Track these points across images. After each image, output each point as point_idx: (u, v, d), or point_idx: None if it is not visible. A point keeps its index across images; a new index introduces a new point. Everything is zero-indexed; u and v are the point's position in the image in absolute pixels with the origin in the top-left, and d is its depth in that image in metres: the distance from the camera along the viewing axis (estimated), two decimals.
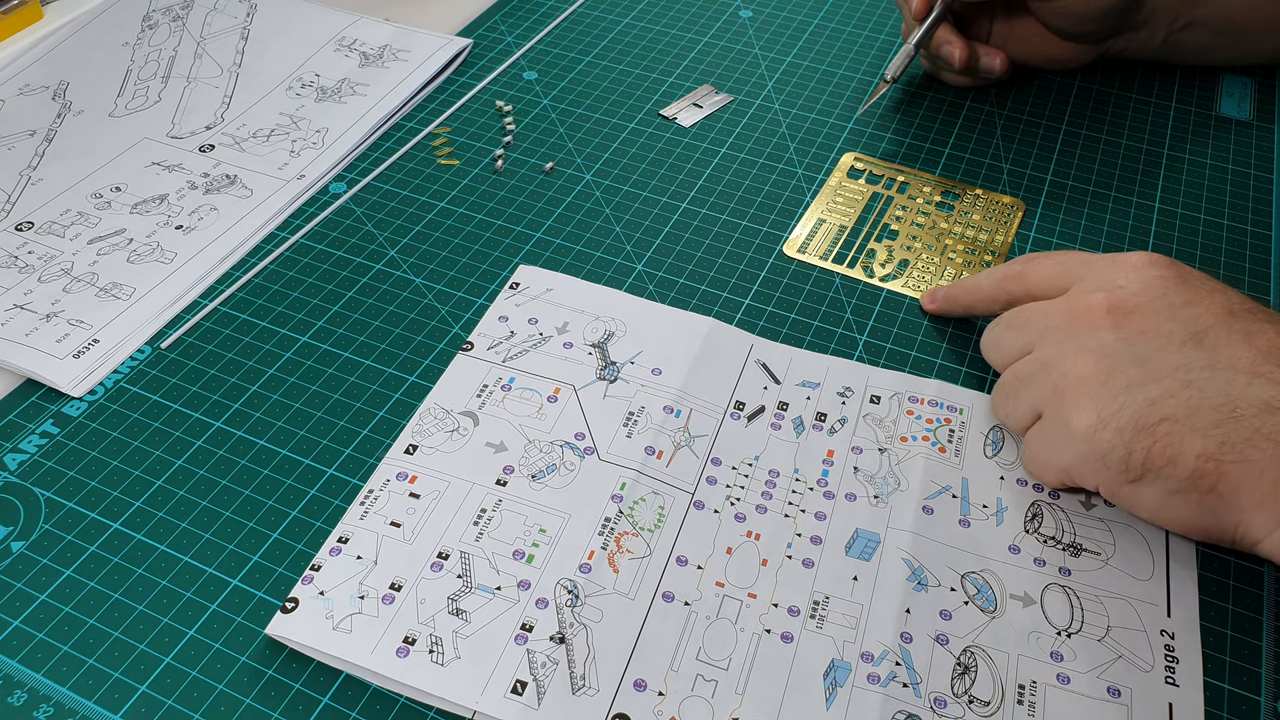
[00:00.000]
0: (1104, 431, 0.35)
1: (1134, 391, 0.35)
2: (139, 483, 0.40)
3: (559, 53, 0.64)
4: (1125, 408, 0.35)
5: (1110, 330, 0.37)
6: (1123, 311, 0.37)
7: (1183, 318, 0.36)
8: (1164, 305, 0.37)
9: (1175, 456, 0.34)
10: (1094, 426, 0.35)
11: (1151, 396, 0.34)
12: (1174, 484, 0.34)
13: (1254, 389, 0.34)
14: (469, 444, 0.41)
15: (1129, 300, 0.37)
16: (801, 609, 0.36)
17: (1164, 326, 0.36)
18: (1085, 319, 0.37)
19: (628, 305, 0.47)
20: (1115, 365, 0.35)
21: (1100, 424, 0.35)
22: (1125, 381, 0.35)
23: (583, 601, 0.36)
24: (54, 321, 0.46)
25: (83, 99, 0.59)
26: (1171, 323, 0.36)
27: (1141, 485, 0.35)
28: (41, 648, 0.35)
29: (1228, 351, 0.35)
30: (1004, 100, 0.61)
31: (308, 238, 0.51)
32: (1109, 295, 0.37)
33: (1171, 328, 0.36)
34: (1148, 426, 0.34)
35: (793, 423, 0.42)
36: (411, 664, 0.34)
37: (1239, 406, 0.33)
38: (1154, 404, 0.34)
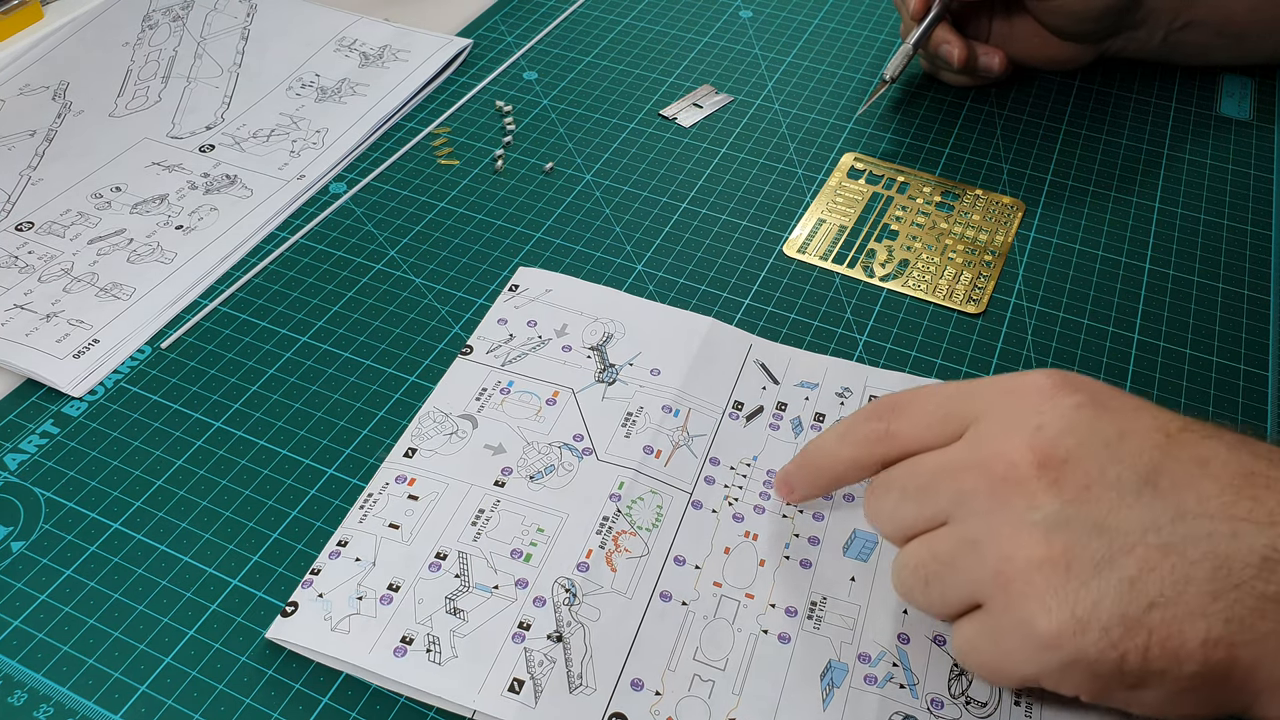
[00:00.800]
0: (1085, 635, 0.28)
1: (1105, 573, 0.28)
2: (139, 483, 0.40)
3: (559, 53, 0.64)
4: (1103, 598, 0.28)
5: (1048, 493, 0.29)
6: (1055, 464, 0.29)
7: (1123, 455, 0.29)
8: (1098, 445, 0.30)
9: (1178, 651, 0.27)
10: (1070, 630, 0.28)
11: (1129, 575, 0.28)
12: (1181, 683, 0.28)
13: (1241, 540, 0.28)
14: (467, 446, 0.41)
15: (1056, 447, 0.30)
16: (799, 609, 0.36)
17: (1108, 473, 0.29)
18: (1012, 481, 0.30)
19: (627, 306, 0.47)
20: (1071, 541, 0.28)
21: (1078, 625, 0.28)
22: (1091, 561, 0.28)
23: (580, 600, 0.36)
24: (54, 321, 0.46)
25: (83, 99, 0.59)
26: (1115, 466, 0.29)
27: (1140, 690, 0.29)
28: (41, 648, 0.35)
29: (1191, 493, 0.29)
30: (1004, 100, 0.61)
31: (308, 238, 0.51)
32: (1031, 444, 0.30)
33: (1118, 473, 0.29)
34: (1137, 618, 0.27)
35: (791, 423, 0.42)
36: (409, 663, 0.34)
37: (1233, 569, 0.27)
38: (1135, 585, 0.28)
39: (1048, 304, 0.48)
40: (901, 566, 0.32)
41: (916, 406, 0.34)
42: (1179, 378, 0.45)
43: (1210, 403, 0.44)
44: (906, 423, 0.33)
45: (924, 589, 0.32)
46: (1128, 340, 0.47)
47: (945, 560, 0.31)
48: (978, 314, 0.48)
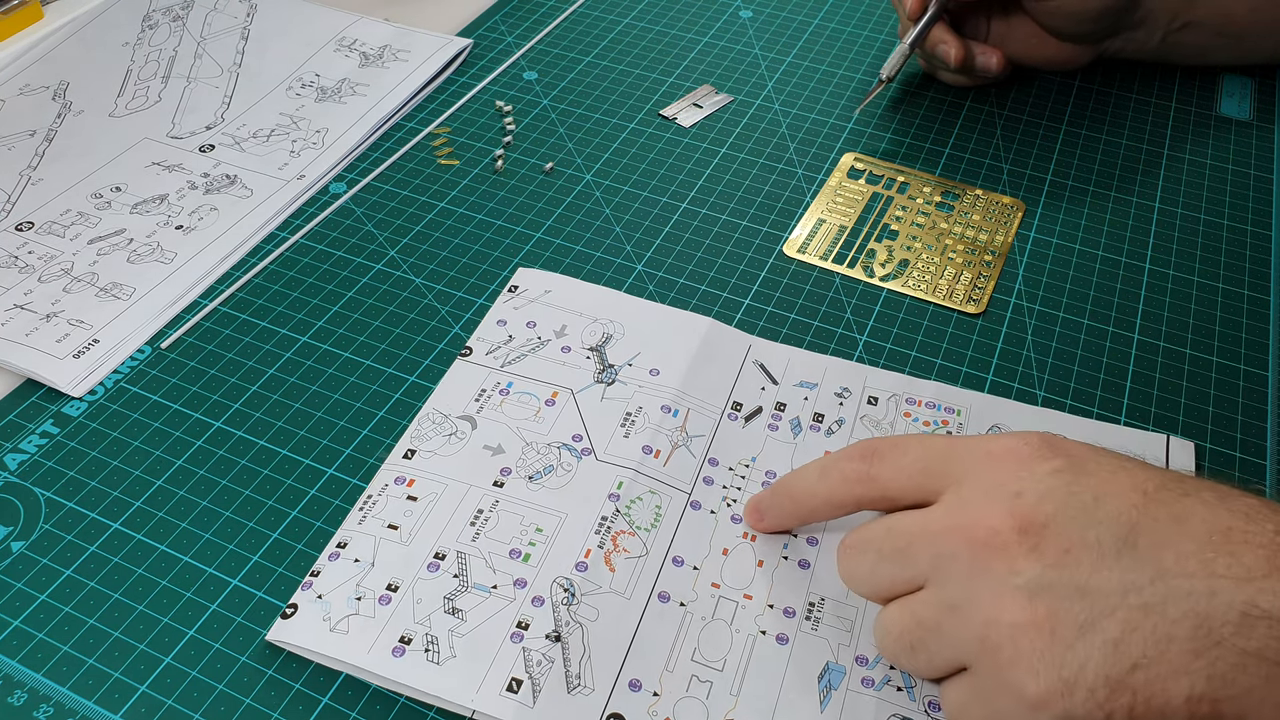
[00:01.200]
0: (1073, 697, 0.28)
1: (1089, 635, 0.28)
2: (139, 483, 0.40)
3: (559, 53, 0.64)
4: (1088, 660, 0.28)
5: (1029, 557, 0.29)
6: (1035, 530, 0.30)
7: (1101, 518, 0.30)
8: (1076, 508, 0.30)
9: (1164, 709, 0.28)
10: (1057, 691, 0.28)
11: (1112, 636, 0.28)
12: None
13: (1219, 598, 0.28)
14: (466, 447, 0.41)
15: (1036, 513, 0.30)
16: (797, 610, 0.36)
17: (1087, 536, 0.29)
18: (993, 547, 0.30)
19: (626, 306, 0.47)
20: (1055, 605, 0.29)
21: (1064, 688, 0.28)
22: (1074, 624, 0.28)
23: (579, 600, 0.36)
24: (54, 321, 0.46)
25: (83, 99, 0.59)
26: (1094, 529, 0.29)
27: None
28: (41, 648, 0.35)
29: (1169, 552, 0.29)
30: (1004, 100, 0.61)
31: (308, 238, 0.51)
32: (1011, 511, 0.30)
33: (1097, 535, 0.29)
34: (1121, 679, 0.28)
35: (790, 424, 0.42)
36: (407, 663, 0.34)
37: (1213, 627, 0.28)
38: (1118, 646, 0.28)
39: (1048, 304, 0.48)
40: (885, 632, 0.33)
41: (899, 455, 0.34)
42: (1179, 378, 0.45)
43: (1210, 403, 0.44)
44: (888, 469, 0.34)
45: (910, 654, 0.32)
46: (1128, 340, 0.47)
47: (929, 626, 0.31)
48: (978, 314, 0.48)
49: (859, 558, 0.34)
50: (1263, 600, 0.27)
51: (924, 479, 0.33)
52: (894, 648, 0.32)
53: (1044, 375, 0.45)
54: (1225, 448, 0.42)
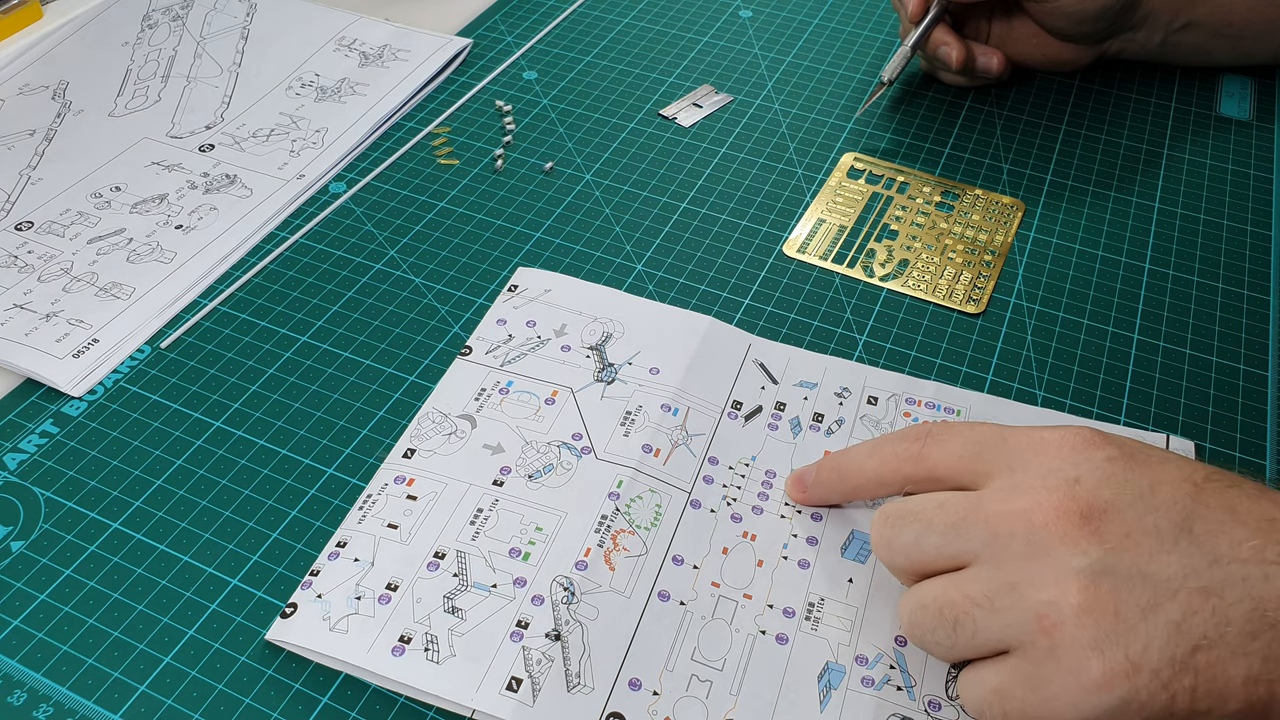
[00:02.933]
0: (1138, 677, 0.28)
1: (1152, 618, 0.29)
2: (138, 482, 0.40)
3: (559, 53, 0.64)
4: (1152, 641, 0.28)
5: (1091, 540, 0.30)
6: (1096, 515, 0.30)
7: (1158, 505, 0.31)
8: (1134, 496, 0.31)
9: (1223, 690, 0.28)
10: (1124, 672, 0.28)
11: (1174, 619, 0.29)
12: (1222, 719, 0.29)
13: (1272, 582, 0.29)
14: (466, 446, 0.41)
15: (1096, 498, 0.31)
16: (797, 610, 0.36)
17: (1146, 522, 0.30)
18: (1054, 530, 0.30)
19: (626, 305, 0.47)
20: (1118, 588, 0.29)
21: (1130, 668, 0.28)
22: (1138, 607, 0.29)
23: (578, 599, 0.36)
24: (54, 321, 0.46)
25: (83, 99, 0.59)
26: (1152, 515, 0.30)
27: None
28: (41, 647, 0.35)
29: (1224, 538, 0.30)
30: (1004, 100, 0.61)
31: (307, 238, 0.51)
32: (1073, 496, 0.31)
33: (1155, 521, 0.30)
34: (1184, 660, 0.28)
35: (790, 423, 0.42)
36: (407, 662, 0.34)
37: (1268, 609, 0.29)
38: (1180, 628, 0.29)
39: (1047, 304, 0.48)
40: (920, 605, 0.32)
41: (951, 437, 0.34)
42: (1179, 378, 0.45)
43: (1210, 403, 0.44)
44: (939, 451, 0.34)
45: (950, 630, 0.31)
46: (1128, 340, 0.47)
47: (979, 602, 0.31)
48: (977, 314, 0.48)
49: (902, 527, 0.33)
50: None
51: (975, 462, 0.33)
52: (930, 621, 0.32)
53: (1044, 375, 0.45)
54: (1225, 448, 0.42)
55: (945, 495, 0.33)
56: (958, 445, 0.34)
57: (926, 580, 0.33)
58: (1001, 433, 0.34)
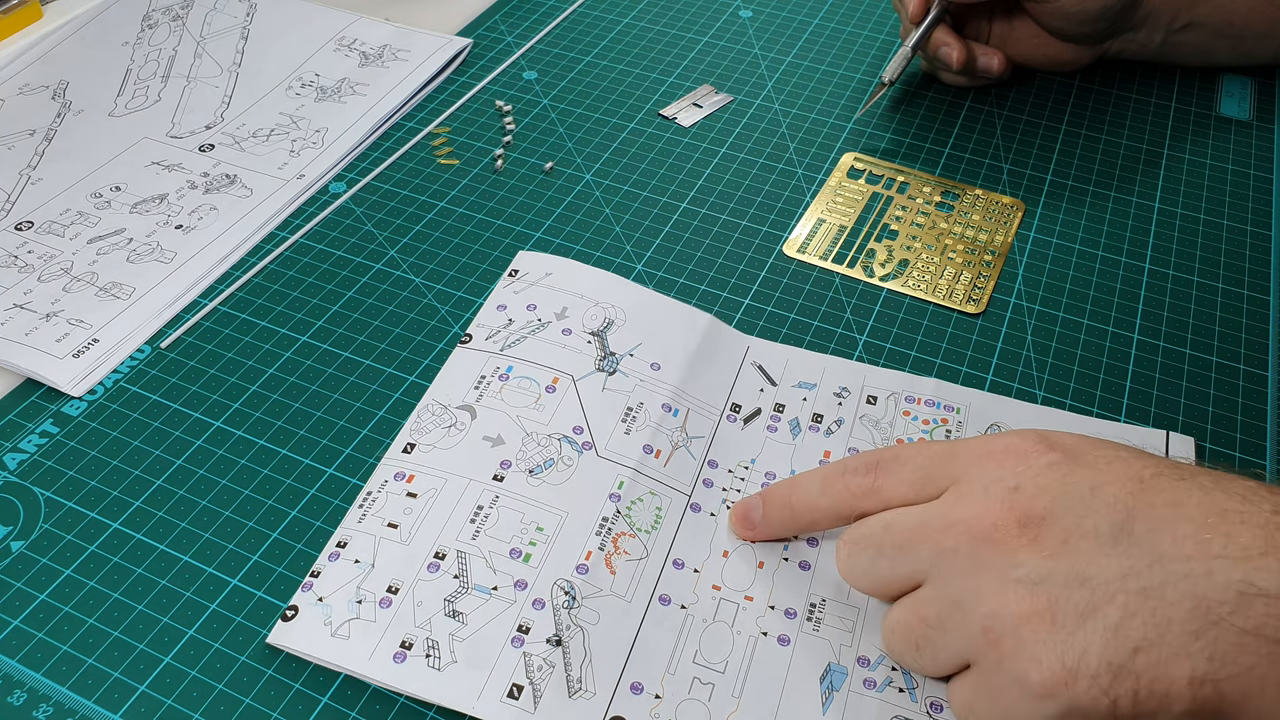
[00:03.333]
0: (1076, 684, 0.28)
1: (1089, 622, 0.29)
2: (138, 482, 0.40)
3: (559, 53, 0.64)
4: (1090, 646, 0.28)
5: (1029, 549, 0.30)
6: (1034, 522, 0.30)
7: (1098, 506, 0.30)
8: (1073, 499, 0.30)
9: (1167, 691, 0.28)
10: (1060, 679, 0.28)
11: (1112, 623, 0.28)
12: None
13: (1216, 578, 0.28)
14: (466, 438, 0.41)
15: (1034, 505, 0.31)
16: (798, 612, 0.36)
17: (1084, 525, 0.30)
18: (993, 540, 0.30)
19: (627, 292, 0.47)
20: (1055, 595, 0.29)
21: (1068, 675, 0.28)
22: (1075, 612, 0.29)
23: (579, 604, 0.36)
24: (54, 321, 0.46)
25: (83, 99, 0.59)
26: (1091, 518, 0.30)
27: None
28: (41, 647, 0.35)
29: (1166, 536, 0.29)
30: (1004, 100, 0.61)
31: (307, 237, 0.51)
32: (1010, 505, 0.31)
33: (1094, 524, 0.30)
34: (1123, 664, 0.28)
35: (789, 425, 0.42)
36: (408, 669, 0.34)
37: (1211, 607, 0.28)
38: (1119, 631, 0.28)
39: (1047, 304, 0.48)
40: (890, 631, 0.33)
41: (900, 464, 0.34)
42: (1179, 378, 0.45)
43: (1210, 403, 0.44)
44: (891, 480, 0.34)
45: (915, 653, 0.32)
46: (1127, 340, 0.47)
47: (933, 623, 0.31)
48: (977, 314, 0.48)
49: (858, 554, 0.34)
50: (1259, 578, 0.28)
51: (925, 485, 0.33)
52: (899, 646, 0.33)
53: (1044, 375, 0.45)
54: (1225, 447, 0.42)
55: (892, 515, 0.33)
56: (908, 472, 0.34)
57: (896, 602, 0.33)
58: (951, 449, 0.34)
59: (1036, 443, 0.32)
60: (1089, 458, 0.32)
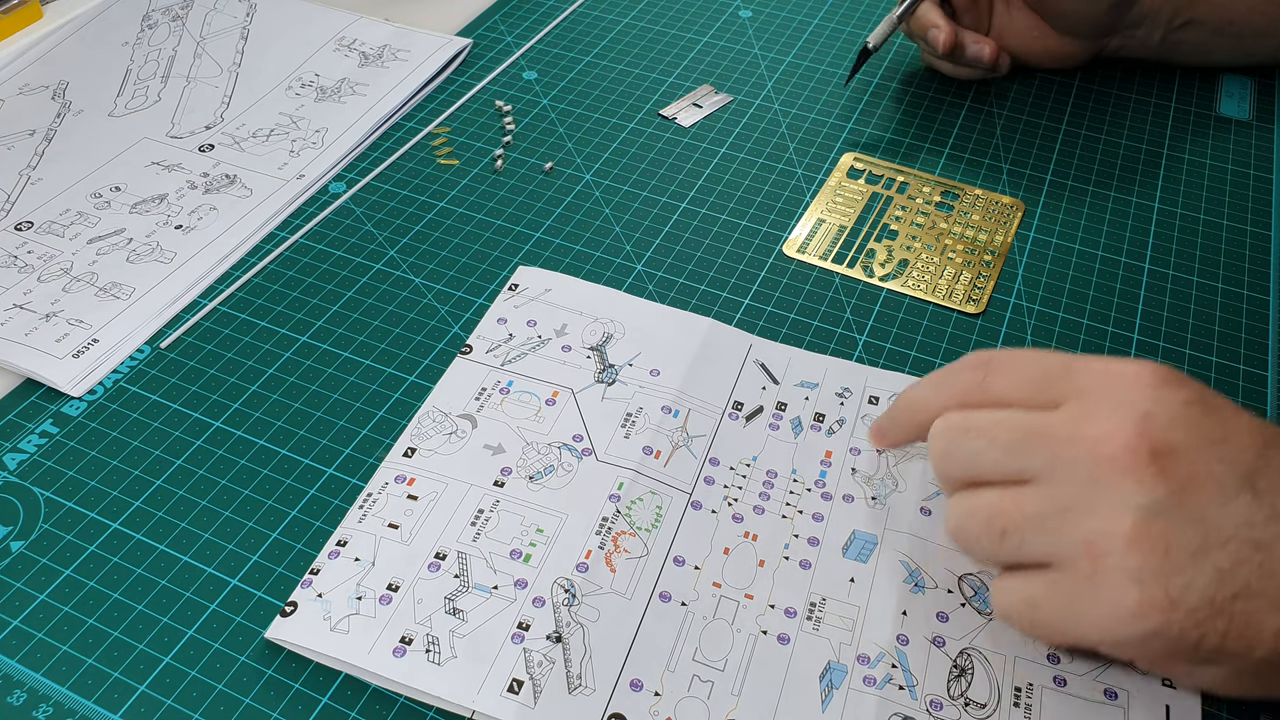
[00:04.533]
0: (1173, 614, 0.30)
1: (1200, 561, 0.30)
2: (138, 482, 0.40)
3: (559, 53, 0.64)
4: (1194, 583, 0.30)
5: (1155, 480, 0.30)
6: (1166, 455, 0.31)
7: (1226, 456, 0.31)
8: (1204, 443, 0.31)
9: (1253, 638, 0.30)
10: (1160, 605, 0.30)
11: (1221, 566, 0.30)
12: (1247, 664, 0.30)
13: None
14: (467, 446, 0.41)
15: (1168, 439, 0.31)
16: (798, 610, 0.36)
17: (1213, 470, 0.31)
18: (1121, 462, 0.31)
19: (626, 306, 0.47)
20: (1171, 529, 0.30)
21: (1169, 603, 0.30)
22: (1188, 549, 0.30)
23: (579, 601, 0.36)
24: (53, 321, 0.46)
25: (82, 99, 0.59)
26: (1218, 464, 0.31)
27: (1206, 667, 0.31)
28: (41, 647, 0.35)
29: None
30: (1004, 100, 0.61)
31: (307, 237, 0.51)
32: (1142, 431, 0.31)
33: (1220, 471, 0.31)
34: (1222, 605, 0.30)
35: (791, 423, 0.42)
36: (408, 664, 0.34)
37: None
38: (1225, 575, 0.30)
39: (1047, 304, 0.48)
40: (970, 512, 0.33)
41: (1015, 366, 0.35)
42: None
43: None
44: (1003, 379, 0.34)
45: (996, 538, 0.33)
46: (1127, 340, 0.47)
47: (1031, 518, 0.32)
48: (977, 314, 0.48)
49: (964, 439, 0.34)
50: None
51: (1042, 389, 0.33)
52: (978, 528, 0.33)
53: None
54: None
55: (1011, 413, 0.33)
56: (1022, 375, 0.34)
57: (978, 489, 0.33)
58: (1068, 361, 0.34)
59: (1167, 376, 0.32)
60: (1218, 405, 0.32)
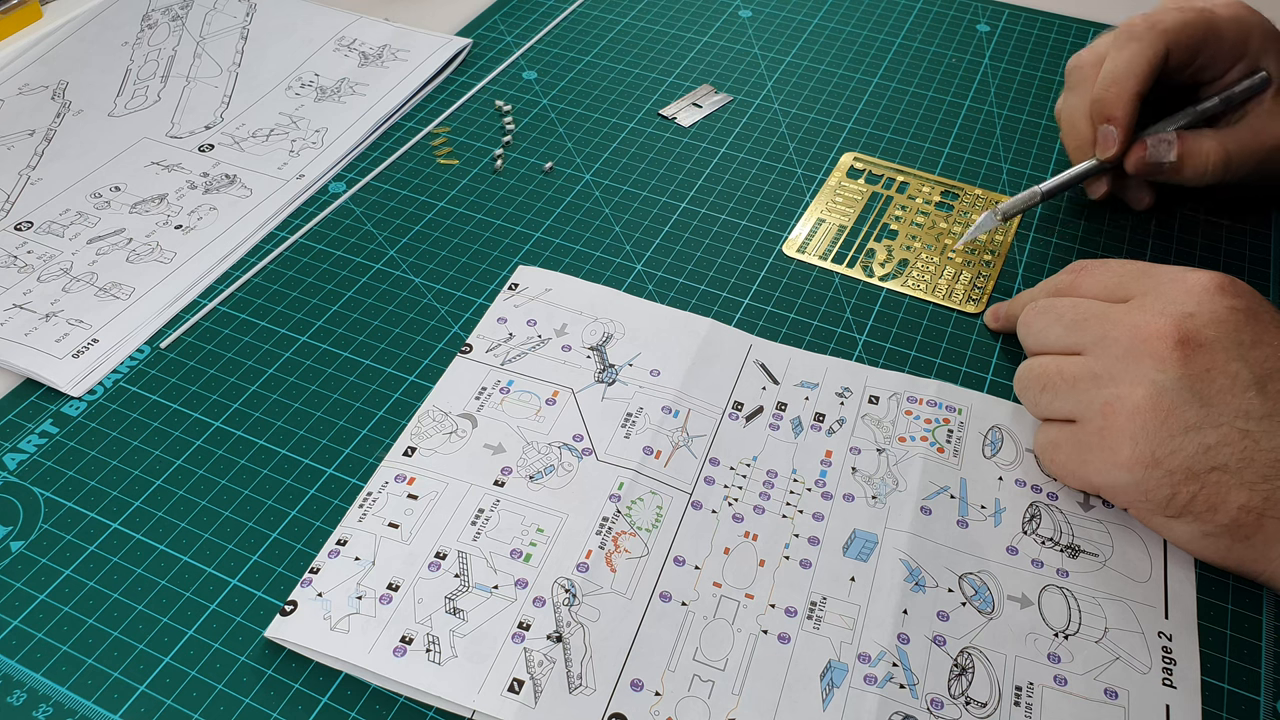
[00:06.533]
0: (1154, 470, 0.35)
1: (1191, 435, 0.35)
2: (138, 482, 0.40)
3: (559, 52, 0.64)
4: (1179, 451, 0.35)
5: (1177, 365, 0.36)
6: (1192, 345, 0.36)
7: (1250, 359, 0.36)
8: (1233, 343, 0.36)
9: (1218, 505, 0.35)
10: (1144, 462, 0.35)
11: (1208, 443, 0.35)
12: (1210, 528, 0.35)
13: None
14: (467, 446, 0.41)
15: (1199, 333, 0.36)
16: (799, 609, 0.36)
17: (1230, 366, 0.35)
18: (1152, 345, 0.36)
19: (626, 306, 0.47)
20: (1175, 404, 0.35)
21: (1152, 462, 0.35)
22: (1183, 423, 0.35)
23: (580, 601, 0.36)
24: (53, 321, 0.46)
25: (82, 99, 0.59)
26: (1238, 363, 0.35)
27: (1177, 521, 0.36)
28: (41, 648, 0.35)
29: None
30: (1004, 100, 0.61)
31: (307, 237, 0.51)
32: (1179, 325, 0.36)
33: (1238, 369, 0.35)
34: (1198, 473, 0.35)
35: (791, 423, 0.42)
36: (408, 663, 0.34)
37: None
38: (1209, 451, 0.35)
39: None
40: (1029, 369, 0.40)
41: (1103, 269, 0.41)
42: None
43: None
44: (1090, 278, 0.41)
45: (1038, 392, 0.40)
46: None
47: (1068, 379, 0.38)
48: (977, 313, 0.48)
49: (1041, 317, 0.41)
50: None
51: (1118, 287, 0.40)
52: (1028, 382, 0.40)
53: None
54: None
55: (1082, 300, 0.40)
56: (1107, 274, 0.40)
57: (1042, 355, 0.40)
58: (1148, 269, 0.40)
59: (1224, 284, 0.37)
60: (1265, 317, 0.37)
